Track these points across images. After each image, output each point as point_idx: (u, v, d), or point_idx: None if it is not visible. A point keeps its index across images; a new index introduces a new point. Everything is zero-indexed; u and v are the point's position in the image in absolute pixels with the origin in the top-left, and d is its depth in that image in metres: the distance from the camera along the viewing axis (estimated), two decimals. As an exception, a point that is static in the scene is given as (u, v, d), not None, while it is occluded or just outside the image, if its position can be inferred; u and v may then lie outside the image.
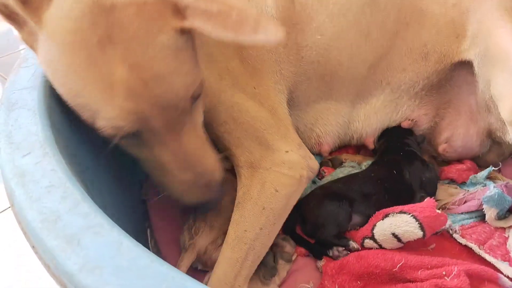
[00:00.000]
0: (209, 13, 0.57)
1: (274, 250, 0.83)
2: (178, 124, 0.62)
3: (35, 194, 0.50)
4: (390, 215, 0.82)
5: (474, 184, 0.97)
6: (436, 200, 0.96)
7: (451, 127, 1.00)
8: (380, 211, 0.85)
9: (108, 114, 0.57)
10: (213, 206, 0.74)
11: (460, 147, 1.01)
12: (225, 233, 0.77)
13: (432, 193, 0.94)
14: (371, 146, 1.04)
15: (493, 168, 0.96)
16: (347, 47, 0.94)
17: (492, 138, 0.99)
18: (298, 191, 0.82)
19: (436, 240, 0.86)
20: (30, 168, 0.54)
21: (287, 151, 0.80)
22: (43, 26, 0.58)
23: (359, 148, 1.13)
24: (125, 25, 0.56)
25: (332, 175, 1.02)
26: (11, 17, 0.62)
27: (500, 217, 0.89)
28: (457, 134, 1.00)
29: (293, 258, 0.85)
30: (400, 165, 0.93)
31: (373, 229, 0.83)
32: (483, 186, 0.95)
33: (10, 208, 1.04)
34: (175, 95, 0.59)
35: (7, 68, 1.81)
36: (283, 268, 0.83)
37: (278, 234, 0.83)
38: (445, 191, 0.99)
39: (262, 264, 0.78)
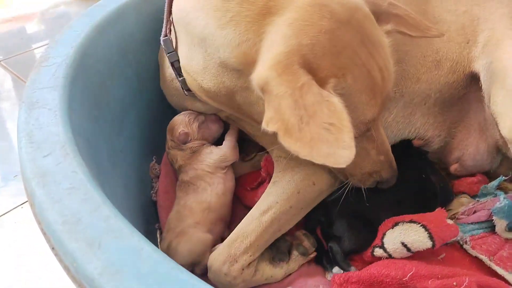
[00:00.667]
0: (400, 17, 0.73)
1: (291, 240, 0.85)
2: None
3: (56, 195, 0.51)
4: (399, 223, 0.82)
5: (485, 195, 0.96)
6: (447, 210, 0.96)
7: (461, 146, 0.99)
8: (390, 219, 0.85)
9: (369, 117, 0.68)
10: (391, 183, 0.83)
11: (471, 166, 1.00)
12: None
13: (448, 201, 0.94)
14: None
15: (504, 177, 0.96)
16: None
17: (502, 153, 0.99)
18: (327, 192, 0.88)
19: (446, 250, 0.86)
20: (51, 169, 0.55)
21: None
22: None
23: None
24: (365, 30, 0.65)
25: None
26: None
27: (511, 228, 0.89)
28: (468, 154, 0.99)
29: (310, 257, 0.85)
30: (422, 169, 0.93)
31: (382, 237, 0.82)
32: (493, 197, 0.94)
33: (10, 211, 1.06)
34: (391, 88, 0.71)
35: (19, 66, 1.81)
36: (295, 260, 0.83)
37: (300, 229, 0.87)
38: (456, 201, 0.98)
39: (275, 247, 0.83)
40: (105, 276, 0.42)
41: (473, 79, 0.95)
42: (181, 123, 0.92)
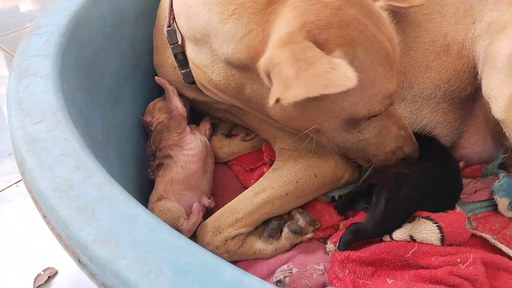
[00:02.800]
0: None
1: (285, 218, 0.85)
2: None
3: (47, 162, 0.49)
4: (416, 218, 0.79)
5: (486, 175, 0.95)
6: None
7: (468, 145, 0.97)
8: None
9: (391, 89, 0.67)
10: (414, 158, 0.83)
11: (476, 162, 0.98)
12: None
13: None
14: None
15: (503, 155, 0.94)
16: None
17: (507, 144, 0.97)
18: (332, 186, 0.88)
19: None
20: (42, 136, 0.52)
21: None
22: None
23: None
24: (367, 5, 0.65)
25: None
26: None
27: (514, 207, 0.88)
28: (474, 152, 0.97)
29: (307, 236, 0.84)
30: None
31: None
32: (495, 176, 0.93)
33: (5, 190, 1.02)
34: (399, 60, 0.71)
35: (12, 45, 1.78)
36: (286, 237, 0.82)
37: (297, 208, 0.86)
38: (457, 181, 0.97)
39: (267, 223, 0.83)
40: (99, 243, 0.40)
41: (478, 76, 0.93)
42: (147, 112, 0.96)
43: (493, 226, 0.85)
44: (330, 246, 0.82)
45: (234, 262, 0.82)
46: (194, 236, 0.82)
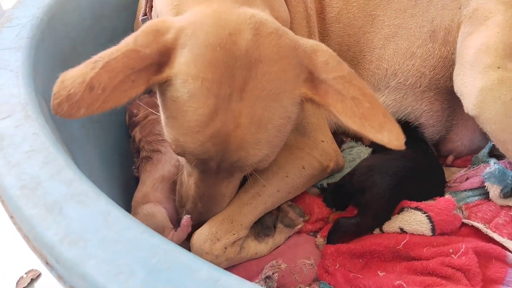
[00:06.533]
0: (343, 96, 0.58)
1: (276, 213, 0.83)
2: (225, 175, 0.66)
3: (14, 158, 0.46)
4: (405, 209, 0.78)
5: (477, 164, 0.94)
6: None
7: (457, 139, 0.96)
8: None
9: (187, 145, 0.59)
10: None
11: (465, 155, 0.97)
12: None
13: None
14: (366, 142, 0.97)
15: (492, 143, 0.92)
16: (356, 33, 0.92)
17: None
18: (319, 177, 0.86)
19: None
20: (10, 132, 0.50)
21: (323, 141, 0.84)
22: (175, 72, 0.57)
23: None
24: (263, 83, 0.57)
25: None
26: None
27: (506, 195, 0.86)
28: (463, 145, 0.96)
29: (298, 227, 0.82)
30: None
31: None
32: (486, 164, 0.91)
33: None
34: (250, 163, 0.61)
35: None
36: (280, 232, 0.81)
37: (286, 201, 0.84)
38: (447, 170, 0.95)
39: (260, 222, 0.80)
40: (66, 243, 0.37)
41: None
42: (133, 104, 0.93)
43: (485, 215, 0.84)
44: (320, 240, 0.81)
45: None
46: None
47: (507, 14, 0.84)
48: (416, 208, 0.76)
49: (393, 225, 0.76)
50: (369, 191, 0.77)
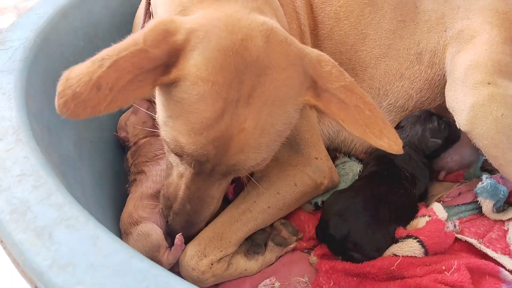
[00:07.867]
0: (346, 105, 0.60)
1: (269, 231, 0.82)
2: (218, 177, 0.65)
3: (4, 183, 0.46)
4: (399, 241, 0.77)
5: (469, 179, 0.95)
6: (431, 195, 0.94)
7: (447, 154, 0.96)
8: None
9: (188, 146, 0.58)
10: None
11: (457, 169, 0.97)
12: None
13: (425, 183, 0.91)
14: (362, 157, 0.98)
15: (484, 157, 0.93)
16: (348, 50, 0.93)
17: None
18: (313, 194, 0.85)
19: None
20: (1, 155, 0.50)
21: (316, 158, 0.84)
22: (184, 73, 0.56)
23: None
24: (270, 90, 0.57)
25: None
26: None
27: (498, 209, 0.86)
28: (453, 161, 0.96)
29: (291, 247, 0.82)
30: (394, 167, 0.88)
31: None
32: (478, 178, 0.92)
33: None
34: (247, 167, 0.61)
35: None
36: (271, 251, 0.80)
37: (280, 219, 0.84)
38: (440, 185, 0.96)
39: (250, 239, 0.80)
40: (55, 268, 0.37)
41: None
42: (119, 127, 0.93)
43: (478, 229, 0.84)
44: (313, 258, 0.80)
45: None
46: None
47: (492, 33, 0.86)
48: (407, 236, 0.76)
49: (386, 252, 0.76)
50: (351, 236, 0.76)
